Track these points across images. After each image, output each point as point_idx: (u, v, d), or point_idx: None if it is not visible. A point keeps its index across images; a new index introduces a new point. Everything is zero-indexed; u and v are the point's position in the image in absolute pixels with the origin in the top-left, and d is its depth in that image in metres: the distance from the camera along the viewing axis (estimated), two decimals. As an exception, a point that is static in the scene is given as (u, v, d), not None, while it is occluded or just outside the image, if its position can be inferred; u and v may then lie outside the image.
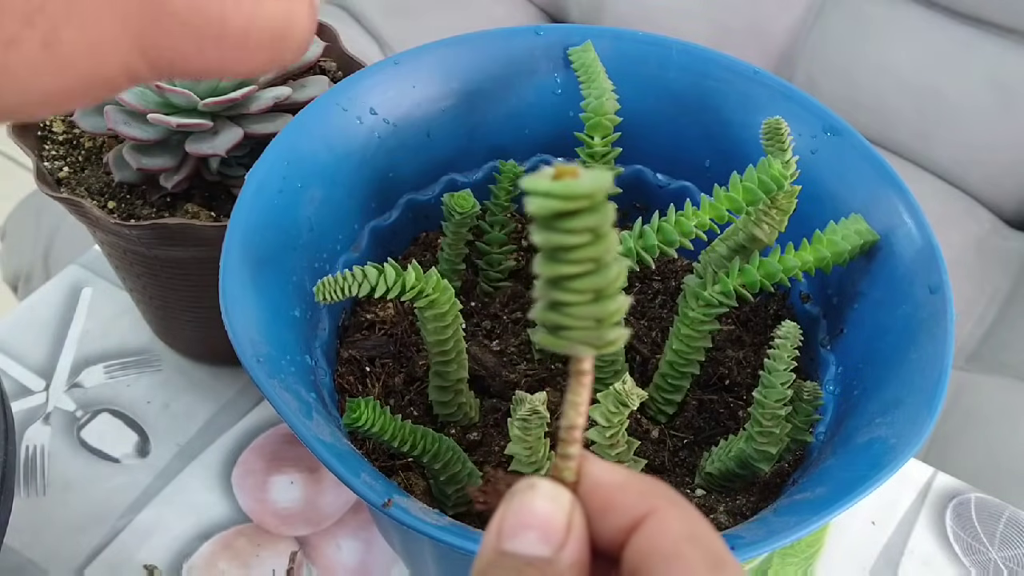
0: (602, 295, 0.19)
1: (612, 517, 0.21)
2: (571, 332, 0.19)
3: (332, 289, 0.39)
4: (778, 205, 0.44)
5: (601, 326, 0.19)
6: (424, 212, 0.53)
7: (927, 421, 0.37)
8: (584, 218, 0.18)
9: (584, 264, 0.19)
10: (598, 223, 0.18)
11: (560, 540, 0.21)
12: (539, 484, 0.21)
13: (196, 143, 0.50)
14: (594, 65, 0.48)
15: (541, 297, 0.19)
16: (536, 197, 0.18)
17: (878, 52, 1.16)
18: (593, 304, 0.19)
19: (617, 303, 0.19)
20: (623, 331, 0.19)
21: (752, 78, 0.49)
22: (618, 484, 0.22)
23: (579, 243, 0.18)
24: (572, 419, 0.21)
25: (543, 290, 0.19)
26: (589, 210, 0.18)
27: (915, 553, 0.56)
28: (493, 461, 0.45)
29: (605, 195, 0.18)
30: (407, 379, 0.48)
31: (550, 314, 0.19)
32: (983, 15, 1.12)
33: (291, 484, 0.57)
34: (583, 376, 0.21)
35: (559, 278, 0.19)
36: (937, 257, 0.42)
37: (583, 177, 0.18)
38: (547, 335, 0.20)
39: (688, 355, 0.45)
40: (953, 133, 1.14)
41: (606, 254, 0.19)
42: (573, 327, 0.19)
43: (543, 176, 0.18)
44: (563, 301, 0.19)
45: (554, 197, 0.18)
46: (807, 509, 0.36)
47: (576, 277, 0.19)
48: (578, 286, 0.19)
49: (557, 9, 1.34)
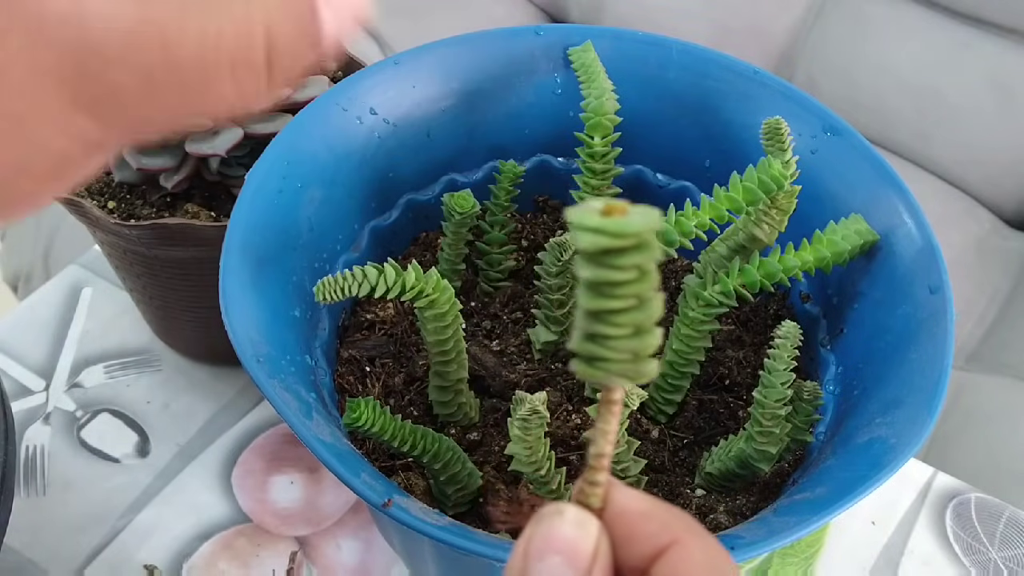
0: (642, 330, 0.19)
1: (635, 545, 0.22)
2: (609, 364, 0.20)
3: (332, 289, 0.39)
4: (778, 205, 0.44)
5: (638, 360, 0.20)
6: (424, 212, 0.53)
7: (927, 421, 0.37)
8: (632, 256, 0.18)
9: (628, 299, 0.19)
10: (645, 261, 0.19)
11: (586, 567, 0.21)
12: (566, 510, 0.22)
13: (196, 143, 0.50)
14: (594, 65, 0.48)
15: (581, 328, 0.20)
16: (586, 233, 0.18)
17: (878, 52, 1.16)
18: (633, 338, 0.19)
19: (655, 337, 0.20)
20: (655, 364, 0.20)
21: (752, 78, 0.49)
22: (643, 513, 0.22)
23: (625, 279, 0.19)
24: (601, 447, 0.21)
25: (584, 322, 0.20)
26: (637, 248, 0.18)
27: (915, 553, 0.56)
28: (493, 461, 0.45)
29: (653, 234, 0.19)
30: (407, 379, 0.48)
31: (589, 345, 0.20)
32: (983, 15, 1.12)
33: (291, 484, 0.57)
34: (614, 406, 0.21)
35: (602, 312, 0.19)
36: (937, 257, 0.42)
37: (633, 215, 0.19)
38: (584, 365, 0.20)
39: (688, 355, 0.45)
40: (953, 133, 1.14)
41: (650, 290, 0.19)
42: (612, 359, 0.20)
43: (591, 211, 0.19)
44: (604, 334, 0.19)
45: (605, 234, 0.18)
46: (807, 509, 0.36)
47: (619, 312, 0.19)
48: (620, 320, 0.19)
49: (557, 9, 1.34)
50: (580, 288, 0.19)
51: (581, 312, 0.19)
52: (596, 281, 0.19)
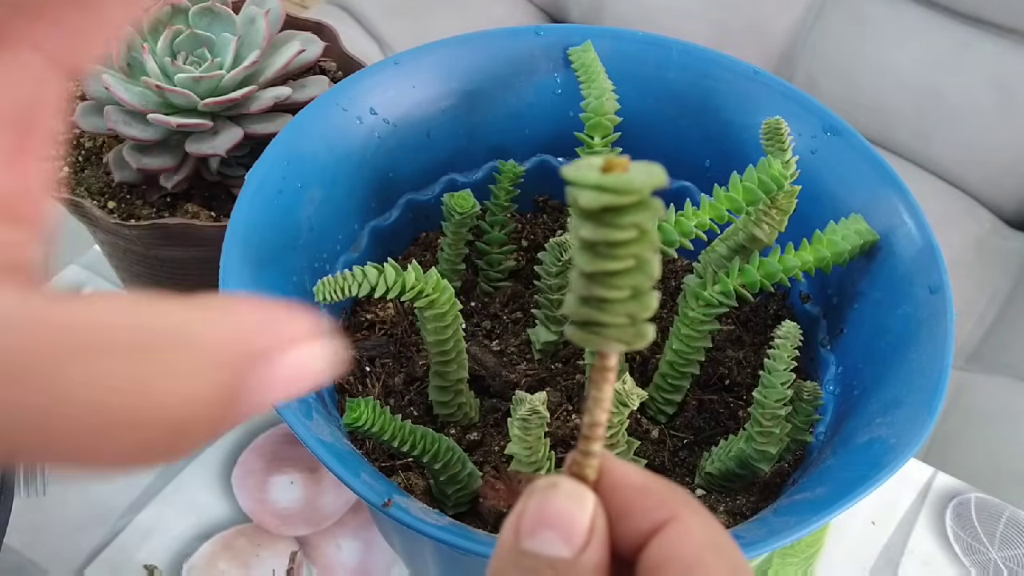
0: (640, 292, 0.18)
1: (631, 520, 0.21)
2: (606, 329, 0.19)
3: (332, 289, 0.39)
4: (778, 205, 0.44)
5: (635, 323, 0.19)
6: (424, 212, 0.53)
7: (927, 421, 0.37)
8: (633, 214, 0.18)
9: (627, 260, 0.18)
10: (645, 220, 0.18)
11: (582, 542, 0.20)
12: (561, 482, 0.20)
13: (196, 143, 0.50)
14: (594, 65, 0.48)
15: (576, 291, 0.19)
16: (586, 190, 0.17)
17: (878, 52, 1.16)
18: (631, 301, 0.18)
19: (653, 300, 0.19)
20: (651, 329, 0.19)
21: (752, 78, 0.49)
22: (640, 486, 0.21)
23: (626, 239, 0.18)
24: (596, 416, 0.20)
25: (580, 285, 0.19)
26: (638, 206, 0.18)
27: (915, 553, 0.56)
28: (493, 461, 0.45)
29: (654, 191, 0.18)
30: (407, 379, 0.48)
31: (586, 309, 0.19)
32: (983, 15, 1.12)
33: (291, 484, 0.57)
34: (608, 372, 0.20)
35: (600, 274, 0.18)
36: (937, 257, 0.42)
37: (634, 171, 0.18)
38: (579, 330, 0.19)
39: (688, 355, 0.45)
40: (953, 133, 1.14)
41: (649, 251, 0.18)
42: (609, 323, 0.19)
43: (590, 168, 0.17)
44: (602, 297, 0.18)
45: (606, 191, 0.17)
46: (807, 509, 0.36)
47: (618, 274, 0.18)
48: (619, 283, 0.18)
49: (557, 9, 1.34)
50: (577, 249, 0.18)
51: (577, 275, 0.18)
52: (596, 241, 0.18)
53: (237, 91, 0.50)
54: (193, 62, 0.51)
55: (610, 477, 0.21)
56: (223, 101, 0.49)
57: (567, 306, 0.19)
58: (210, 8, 0.52)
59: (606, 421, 0.20)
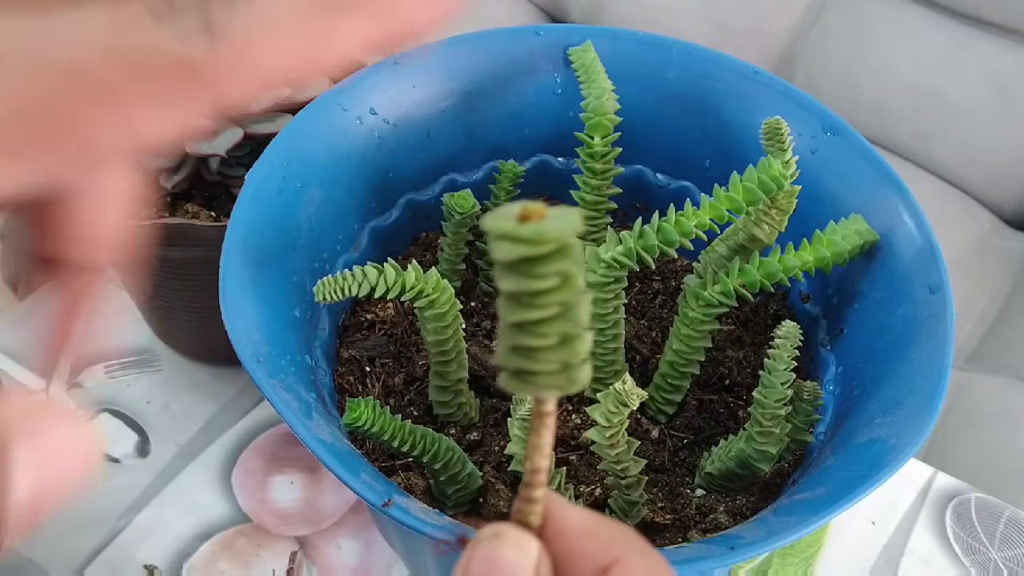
0: (569, 338, 0.18)
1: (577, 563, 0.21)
2: (537, 377, 0.18)
3: (332, 289, 0.39)
4: (778, 205, 0.44)
5: (568, 369, 0.18)
6: (424, 212, 0.53)
7: (927, 421, 0.37)
8: (553, 263, 0.17)
9: (552, 308, 0.18)
10: (567, 267, 0.17)
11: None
12: (505, 532, 0.21)
13: (196, 143, 0.50)
14: (594, 65, 0.48)
15: (505, 341, 0.18)
16: (502, 242, 0.17)
17: (878, 52, 1.16)
18: (560, 348, 0.18)
19: (584, 343, 0.18)
20: (587, 370, 0.19)
21: (752, 78, 0.49)
22: (584, 531, 0.21)
23: (547, 288, 0.17)
24: (536, 462, 0.20)
25: (507, 334, 0.18)
26: (558, 254, 0.17)
27: (915, 553, 0.56)
28: (493, 461, 0.45)
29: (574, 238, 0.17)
30: (407, 379, 0.48)
31: (516, 359, 0.18)
32: (983, 15, 1.12)
33: (291, 484, 0.57)
34: (546, 418, 0.20)
35: (525, 323, 0.18)
36: (937, 257, 0.42)
37: (551, 219, 0.17)
38: (511, 379, 0.19)
39: (688, 355, 0.45)
40: (953, 133, 1.14)
41: (574, 296, 0.18)
42: (539, 371, 0.18)
43: (507, 217, 0.17)
44: (529, 346, 0.18)
45: (522, 242, 0.17)
46: (807, 509, 0.36)
47: (543, 322, 0.18)
48: (545, 331, 0.18)
49: (557, 9, 1.34)
50: (500, 299, 0.18)
51: (504, 325, 0.18)
52: (516, 292, 0.17)
53: (237, 91, 0.50)
54: (193, 62, 0.51)
55: (555, 522, 0.21)
56: (223, 101, 0.49)
57: (498, 356, 0.19)
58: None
59: (548, 467, 0.20)
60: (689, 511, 0.43)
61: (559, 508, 0.21)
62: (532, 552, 0.21)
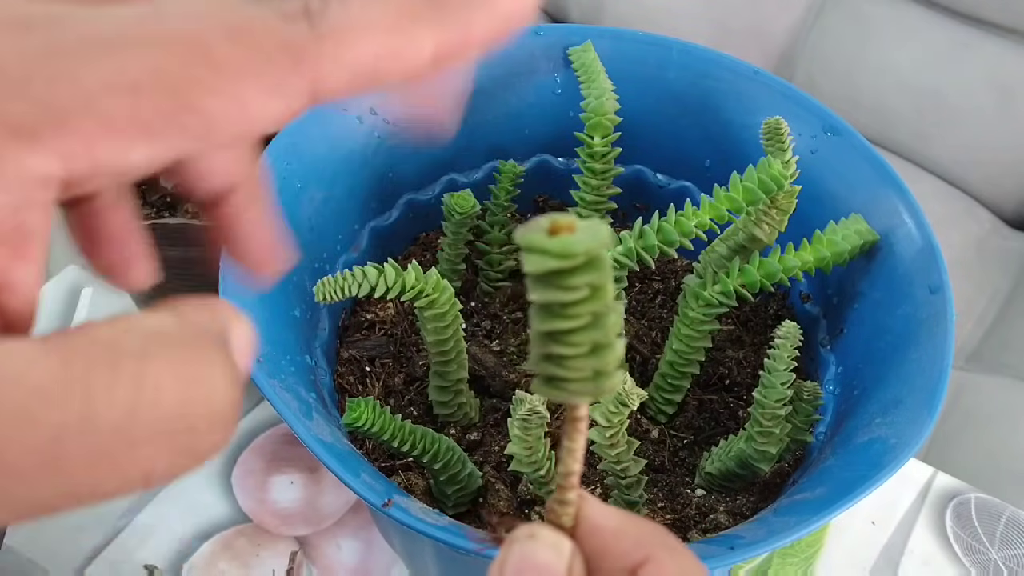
0: (600, 346, 0.19)
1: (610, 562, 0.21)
2: (569, 384, 0.19)
3: (332, 289, 0.39)
4: (778, 205, 0.44)
5: (599, 376, 0.19)
6: (424, 212, 0.52)
7: (927, 421, 0.37)
8: (583, 275, 0.18)
9: (582, 318, 0.18)
10: (596, 279, 0.18)
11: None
12: (539, 533, 0.21)
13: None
14: (594, 65, 0.48)
15: (536, 348, 0.19)
16: (533, 255, 0.17)
17: (878, 52, 1.16)
18: (591, 356, 0.19)
19: (615, 353, 0.19)
20: (619, 377, 0.19)
21: (752, 78, 0.49)
22: (615, 530, 0.22)
23: (577, 299, 0.18)
24: (569, 466, 0.21)
25: (539, 342, 0.19)
26: (587, 266, 0.18)
27: (915, 553, 0.56)
28: (493, 461, 0.45)
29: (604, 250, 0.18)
30: (407, 379, 0.48)
31: (547, 366, 0.19)
32: (983, 15, 1.12)
33: (291, 484, 0.57)
34: (580, 423, 0.20)
35: (556, 332, 0.18)
36: (937, 257, 0.42)
37: (580, 232, 0.18)
38: (544, 385, 0.19)
39: (688, 355, 0.45)
40: (953, 133, 1.14)
41: (604, 307, 0.18)
42: (571, 379, 0.19)
43: (538, 230, 0.18)
44: (561, 354, 0.19)
45: (552, 256, 0.17)
46: (807, 509, 0.36)
47: (574, 332, 0.18)
48: (576, 340, 0.18)
49: (557, 9, 1.34)
50: (532, 308, 0.18)
51: (536, 334, 0.19)
52: (547, 303, 0.18)
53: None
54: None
55: (587, 522, 0.22)
56: (223, 101, 0.49)
57: (530, 362, 0.19)
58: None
59: (580, 471, 0.21)
60: (689, 511, 0.43)
61: (592, 508, 0.22)
62: (565, 552, 0.21)
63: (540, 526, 0.22)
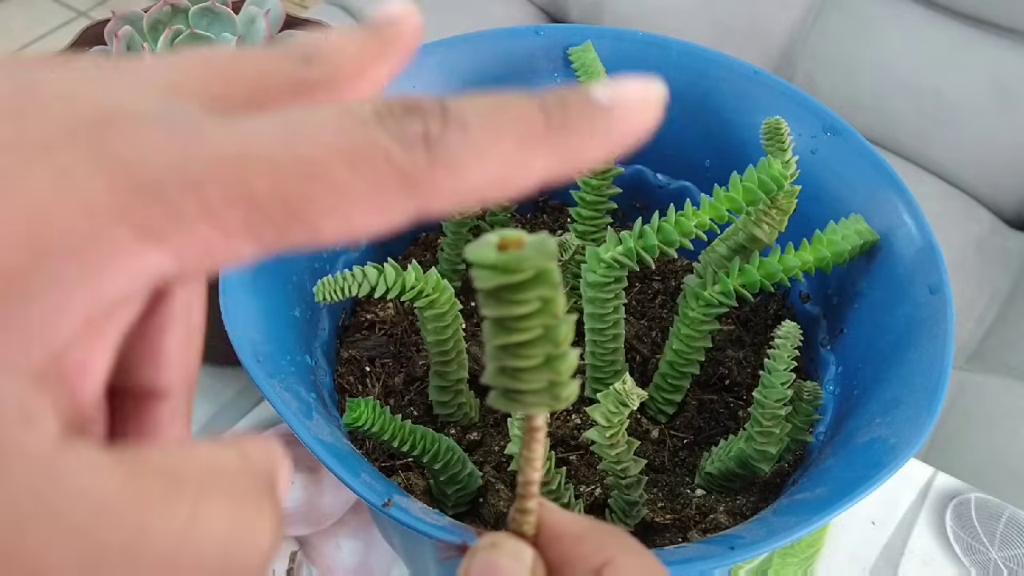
0: (553, 357, 0.19)
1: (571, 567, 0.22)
2: (524, 395, 0.19)
3: (332, 289, 0.39)
4: (778, 205, 0.44)
5: (555, 386, 0.19)
6: (424, 212, 0.52)
7: (927, 421, 0.37)
8: (532, 289, 0.18)
9: (533, 331, 0.18)
10: (546, 292, 0.18)
11: None
12: (501, 541, 0.22)
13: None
14: (594, 65, 0.48)
15: (492, 362, 0.19)
16: (483, 271, 0.18)
17: (878, 52, 1.16)
18: (545, 368, 0.19)
19: (568, 362, 0.19)
20: (575, 385, 0.20)
21: (752, 78, 0.49)
22: (576, 535, 0.22)
23: (528, 312, 0.18)
24: (528, 475, 0.21)
25: (493, 356, 0.19)
26: (536, 280, 0.18)
27: (915, 553, 0.56)
28: (493, 461, 0.45)
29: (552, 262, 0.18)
30: (407, 379, 0.48)
31: (503, 379, 0.19)
32: (983, 15, 1.12)
33: (291, 484, 0.57)
34: (537, 432, 0.21)
35: (509, 345, 0.19)
36: (937, 257, 0.42)
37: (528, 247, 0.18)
38: (501, 398, 0.20)
39: (688, 355, 0.45)
40: (953, 133, 1.14)
41: (555, 319, 0.19)
42: (527, 390, 0.19)
43: (486, 247, 0.18)
44: (515, 367, 0.19)
45: (500, 271, 0.18)
46: (807, 509, 0.36)
47: (527, 344, 0.19)
48: (529, 352, 0.19)
49: (557, 9, 1.34)
50: (485, 323, 0.19)
51: (490, 348, 0.19)
52: (499, 317, 0.18)
53: (237, 91, 0.50)
54: (193, 62, 0.51)
55: (549, 529, 0.22)
56: (223, 101, 0.49)
57: (487, 376, 0.20)
58: (210, 8, 0.52)
59: (539, 479, 0.22)
60: (689, 511, 0.43)
61: (552, 515, 0.22)
62: (527, 560, 0.22)
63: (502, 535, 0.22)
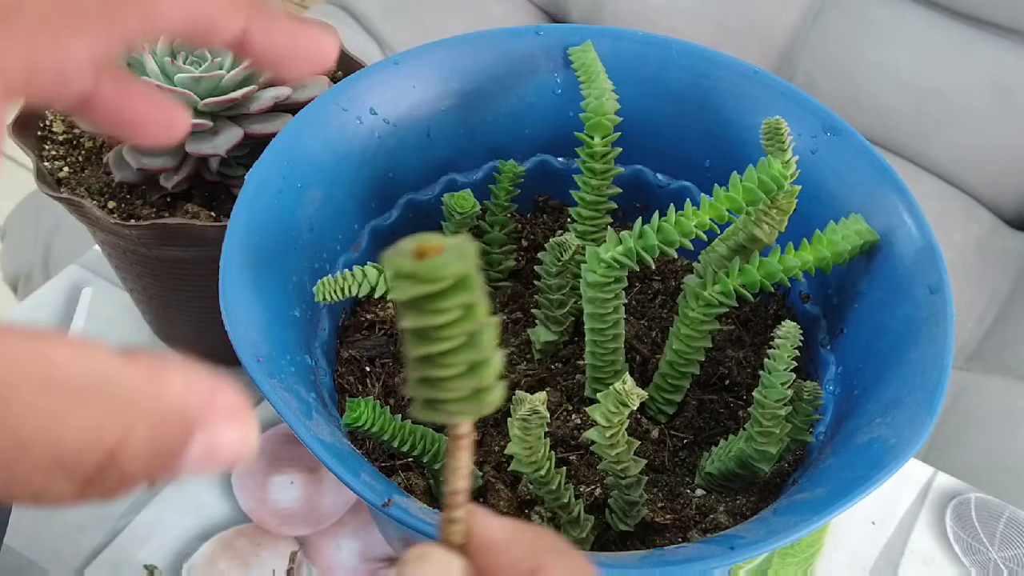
0: (477, 365, 0.18)
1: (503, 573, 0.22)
2: (447, 405, 0.19)
3: (332, 289, 0.39)
4: (778, 205, 0.44)
5: (479, 393, 0.19)
6: (424, 212, 0.52)
7: (927, 421, 0.37)
8: (453, 297, 0.17)
9: (456, 339, 0.18)
10: (467, 299, 0.18)
11: None
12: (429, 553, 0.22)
13: (196, 143, 0.50)
14: (594, 65, 0.48)
15: (413, 373, 0.19)
16: (401, 281, 0.17)
17: (878, 52, 1.16)
18: (468, 376, 0.18)
19: (492, 368, 0.19)
20: (500, 391, 0.19)
21: (752, 78, 0.49)
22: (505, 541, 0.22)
23: (449, 321, 0.18)
24: (454, 484, 0.21)
25: (415, 367, 0.18)
26: (457, 287, 0.17)
27: (915, 553, 0.56)
28: (493, 461, 0.45)
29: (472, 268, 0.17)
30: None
31: (425, 389, 0.19)
32: (983, 15, 1.12)
33: (291, 484, 0.57)
34: (461, 440, 0.20)
35: (432, 355, 0.18)
36: (937, 257, 0.42)
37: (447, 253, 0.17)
38: (424, 408, 0.19)
39: (688, 355, 0.45)
40: (953, 133, 1.14)
41: (478, 325, 0.18)
42: (450, 399, 0.19)
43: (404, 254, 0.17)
44: (438, 377, 0.18)
45: (420, 281, 0.17)
46: (807, 509, 0.36)
47: (449, 353, 0.18)
48: (452, 361, 0.18)
49: (557, 9, 1.34)
50: (405, 334, 0.18)
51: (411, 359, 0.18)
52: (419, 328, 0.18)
53: (237, 91, 0.50)
54: (193, 62, 0.51)
55: (478, 537, 0.22)
56: (223, 101, 0.49)
57: (408, 387, 0.19)
58: (210, 8, 0.52)
59: (466, 488, 0.21)
60: (689, 511, 0.43)
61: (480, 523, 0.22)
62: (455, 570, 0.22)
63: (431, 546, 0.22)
